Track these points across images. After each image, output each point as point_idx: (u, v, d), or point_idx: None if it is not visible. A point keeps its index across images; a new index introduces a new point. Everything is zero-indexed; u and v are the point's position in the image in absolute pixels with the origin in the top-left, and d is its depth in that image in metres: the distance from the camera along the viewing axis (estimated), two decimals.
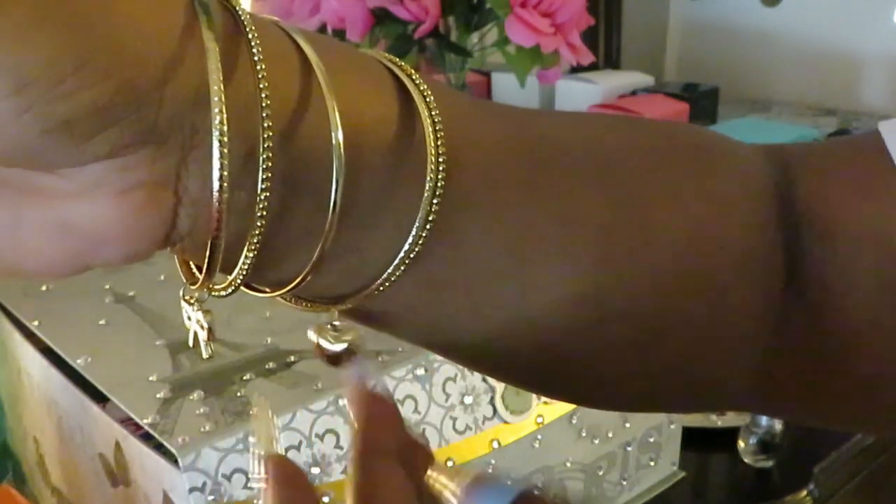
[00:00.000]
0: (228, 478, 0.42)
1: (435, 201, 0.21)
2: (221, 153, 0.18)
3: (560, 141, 0.26)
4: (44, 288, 0.58)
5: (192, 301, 0.22)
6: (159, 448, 0.43)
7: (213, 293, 0.22)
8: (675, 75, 1.46)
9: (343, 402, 0.46)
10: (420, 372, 0.49)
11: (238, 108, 0.18)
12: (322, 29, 0.86)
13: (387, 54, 0.23)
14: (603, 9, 1.32)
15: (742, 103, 1.26)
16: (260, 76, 0.18)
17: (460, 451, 0.52)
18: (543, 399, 0.56)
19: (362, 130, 0.20)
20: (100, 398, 0.47)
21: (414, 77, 0.22)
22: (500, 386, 0.53)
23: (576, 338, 0.25)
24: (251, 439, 0.23)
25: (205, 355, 0.22)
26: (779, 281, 0.28)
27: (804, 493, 0.68)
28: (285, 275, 0.21)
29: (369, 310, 0.23)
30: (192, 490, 0.41)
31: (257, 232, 0.19)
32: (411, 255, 0.21)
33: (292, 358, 0.49)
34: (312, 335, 0.23)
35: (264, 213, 0.19)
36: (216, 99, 0.17)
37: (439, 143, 0.21)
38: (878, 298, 0.27)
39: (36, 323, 0.53)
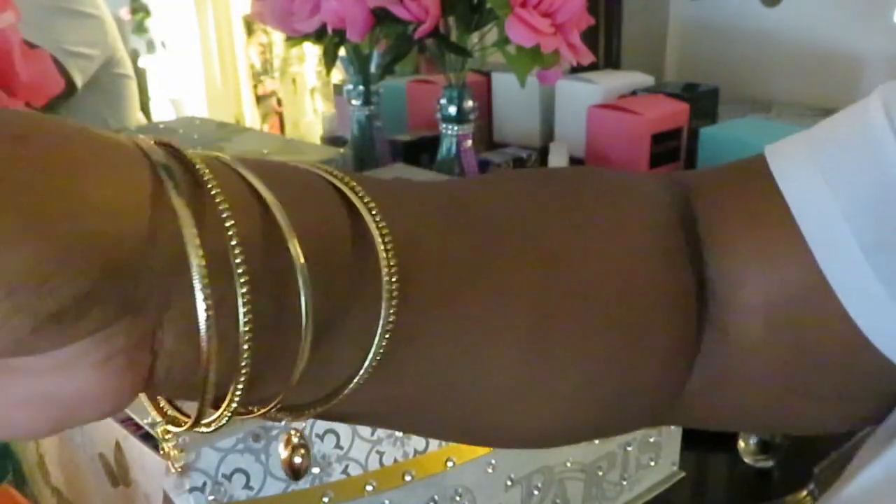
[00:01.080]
0: (228, 478, 0.42)
1: (393, 303, 0.22)
2: (207, 306, 0.18)
3: (489, 219, 0.27)
4: None
5: (167, 437, 0.23)
6: (159, 448, 0.43)
7: (198, 429, 0.22)
8: (675, 75, 1.46)
9: None
10: None
11: (210, 261, 0.19)
12: (322, 29, 0.86)
13: (327, 167, 0.23)
14: (603, 9, 1.32)
15: (742, 103, 1.26)
16: (230, 233, 0.19)
17: (460, 451, 0.52)
18: None
19: (321, 254, 0.21)
20: None
21: (357, 191, 0.23)
22: None
23: (519, 397, 0.27)
24: None
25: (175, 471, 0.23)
26: (691, 309, 0.30)
27: (804, 493, 0.68)
28: (260, 396, 0.22)
29: (329, 412, 0.24)
30: (192, 490, 0.41)
31: (244, 368, 0.20)
32: (377, 359, 0.22)
33: None
34: (284, 451, 0.24)
35: (249, 350, 0.20)
36: (195, 263, 0.18)
37: (390, 255, 0.22)
38: (765, 315, 0.30)
39: None
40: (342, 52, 0.92)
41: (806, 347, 0.30)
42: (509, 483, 0.56)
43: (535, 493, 0.58)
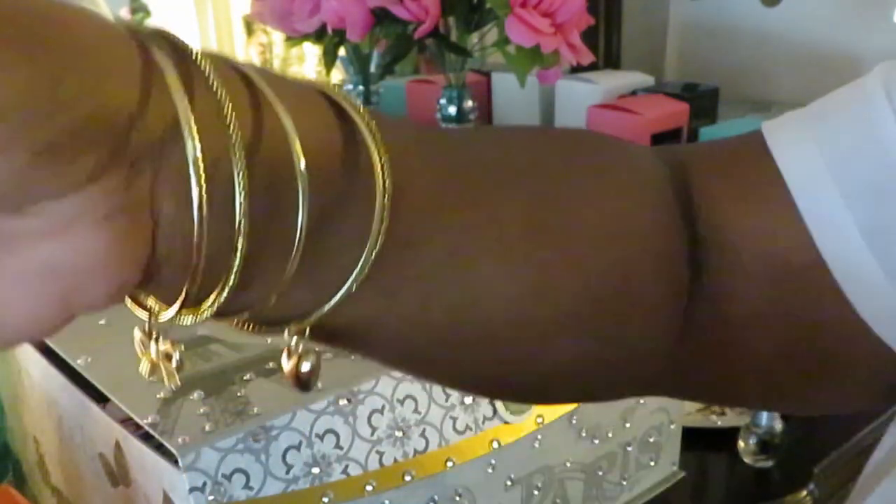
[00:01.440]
0: (228, 478, 0.42)
1: (387, 205, 0.22)
2: (196, 166, 0.18)
3: (486, 160, 0.28)
4: None
5: (155, 335, 0.22)
6: (159, 448, 0.43)
7: (180, 321, 0.22)
8: (675, 75, 1.46)
9: (343, 402, 0.46)
10: None
11: (200, 126, 0.19)
12: (322, 29, 0.86)
13: (322, 83, 0.24)
14: (603, 9, 1.32)
15: (742, 103, 1.26)
16: (219, 93, 0.19)
17: (460, 451, 0.52)
18: None
19: (316, 150, 0.21)
20: (100, 398, 0.47)
21: (351, 101, 0.23)
22: None
23: (518, 330, 0.27)
24: None
25: (172, 387, 0.22)
26: (685, 269, 0.30)
27: (804, 493, 0.68)
28: (255, 297, 0.22)
29: (331, 327, 0.24)
30: (192, 490, 0.41)
31: (240, 245, 0.20)
32: (371, 259, 0.22)
33: None
34: (286, 360, 0.24)
35: (244, 219, 0.19)
36: (182, 111, 0.18)
37: (382, 153, 0.22)
38: (759, 292, 0.30)
39: None
40: (342, 52, 0.92)
41: (800, 325, 0.30)
42: (509, 483, 0.56)
43: (535, 493, 0.58)
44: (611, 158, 0.31)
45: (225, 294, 0.21)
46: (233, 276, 0.20)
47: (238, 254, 0.20)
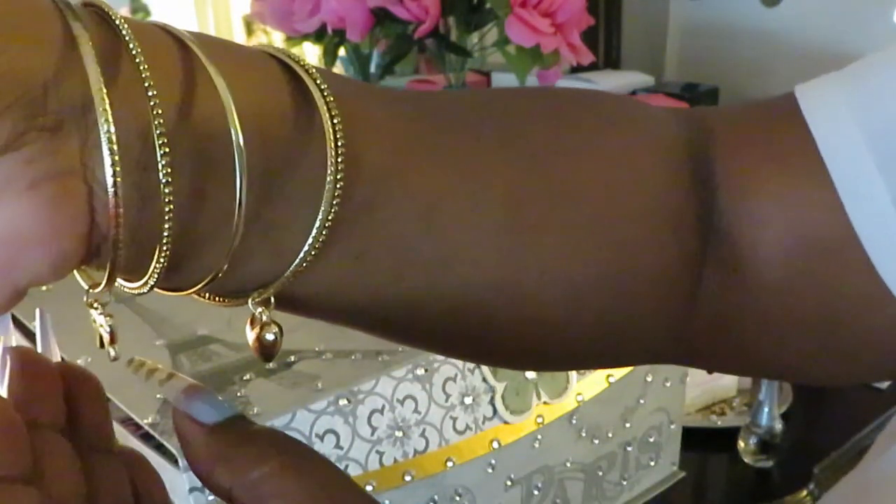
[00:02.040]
0: None
1: (340, 167, 0.21)
2: (109, 137, 0.18)
3: (460, 108, 0.26)
4: (44, 288, 0.58)
5: (95, 305, 0.22)
6: (159, 448, 0.43)
7: (128, 291, 0.22)
8: (675, 75, 1.46)
9: (343, 402, 0.46)
10: (420, 372, 0.49)
11: (127, 92, 0.18)
12: (322, 29, 0.86)
13: (275, 46, 0.23)
14: (603, 9, 1.32)
15: (742, 103, 1.26)
16: (138, 59, 0.19)
17: (460, 451, 0.52)
18: (543, 399, 0.56)
19: (259, 114, 0.21)
20: None
21: (297, 59, 0.22)
22: (500, 386, 0.53)
23: (497, 298, 0.26)
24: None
25: (110, 358, 0.22)
26: (694, 237, 0.29)
27: (804, 493, 0.68)
28: (207, 266, 0.21)
29: (298, 294, 0.23)
30: (192, 490, 0.41)
31: (168, 210, 0.19)
32: (327, 224, 0.21)
33: (292, 358, 0.49)
34: (249, 330, 0.23)
35: (169, 186, 0.19)
36: (94, 81, 0.17)
37: (334, 114, 0.21)
38: (786, 260, 0.29)
39: (36, 323, 0.53)
40: (342, 52, 0.92)
41: (824, 296, 0.29)
42: (509, 483, 0.56)
43: (535, 493, 0.58)
44: (610, 119, 0.29)
45: (159, 265, 0.20)
46: (164, 247, 0.20)
47: (166, 222, 0.19)
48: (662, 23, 1.45)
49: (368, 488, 0.48)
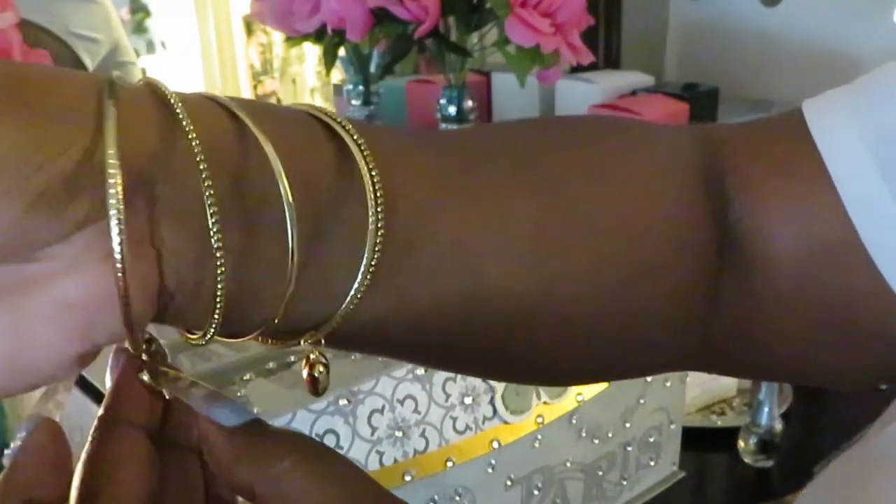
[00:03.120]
0: None
1: (380, 213, 0.23)
2: (118, 209, 0.19)
3: (483, 145, 0.28)
4: None
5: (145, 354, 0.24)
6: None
7: (189, 341, 0.24)
8: (675, 75, 1.46)
9: (343, 402, 0.46)
10: (420, 372, 0.49)
11: (185, 164, 0.20)
12: (322, 29, 0.86)
13: (314, 105, 0.25)
14: (603, 9, 1.32)
15: (742, 103, 1.26)
16: (190, 136, 0.20)
17: (460, 451, 0.52)
18: (543, 399, 0.56)
19: (304, 171, 0.22)
20: (100, 398, 0.47)
21: (337, 118, 0.24)
22: (500, 386, 0.53)
23: (528, 322, 0.27)
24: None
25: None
26: (709, 250, 0.30)
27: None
28: (263, 313, 0.23)
29: (346, 332, 0.25)
30: None
31: (220, 273, 0.21)
32: (371, 266, 0.23)
33: (292, 358, 0.49)
34: (305, 370, 0.25)
35: (221, 251, 0.21)
36: (110, 152, 0.19)
37: (371, 166, 0.23)
38: (796, 268, 0.30)
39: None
40: (342, 52, 0.92)
41: (833, 302, 0.30)
42: (509, 483, 0.56)
43: (535, 493, 0.58)
44: (627, 143, 0.31)
45: (216, 318, 0.22)
46: (218, 301, 0.21)
47: (219, 282, 0.21)
48: (662, 23, 1.45)
49: None
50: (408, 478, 0.49)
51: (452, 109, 0.90)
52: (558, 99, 1.12)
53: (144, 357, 0.24)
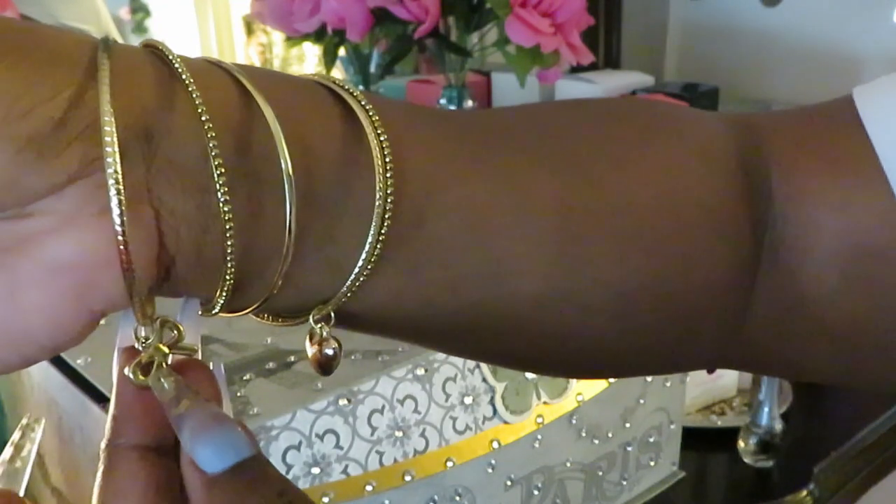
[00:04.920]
0: None
1: (389, 181, 0.22)
2: (115, 176, 0.18)
3: (502, 124, 0.27)
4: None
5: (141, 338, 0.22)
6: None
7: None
8: (675, 75, 1.46)
9: (343, 402, 0.46)
10: (420, 372, 0.49)
11: (186, 121, 0.20)
12: (322, 29, 0.86)
13: (322, 74, 0.24)
14: (603, 9, 1.32)
15: (742, 103, 1.26)
16: (191, 89, 0.20)
17: (460, 451, 0.52)
18: (543, 399, 0.56)
19: (308, 136, 0.22)
20: (100, 398, 0.47)
21: (342, 84, 0.23)
22: (500, 386, 0.53)
23: (547, 308, 0.26)
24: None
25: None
26: (747, 245, 0.29)
27: (804, 493, 0.68)
28: (267, 285, 0.22)
29: (356, 310, 0.24)
30: None
31: (228, 228, 0.20)
32: (380, 238, 0.22)
33: (292, 358, 0.49)
34: (309, 346, 0.24)
35: (228, 205, 0.20)
36: (104, 100, 0.18)
37: (380, 132, 0.22)
38: (841, 266, 0.28)
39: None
40: (342, 52, 0.92)
41: (881, 301, 0.29)
42: (509, 483, 0.56)
43: (535, 493, 0.58)
44: (654, 128, 0.29)
45: (227, 283, 0.21)
46: (229, 264, 0.20)
47: (228, 239, 0.20)
48: (662, 23, 1.46)
49: (368, 488, 0.48)
50: (408, 478, 0.49)
51: (452, 109, 0.90)
52: (558, 99, 1.12)
53: (145, 340, 0.21)
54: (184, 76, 0.20)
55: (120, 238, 0.19)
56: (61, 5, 1.30)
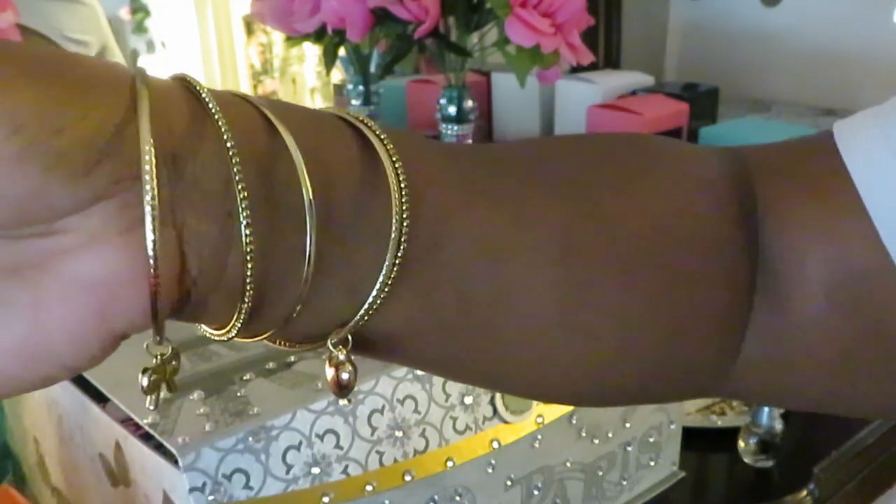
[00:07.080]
0: (228, 478, 0.42)
1: (405, 207, 0.23)
2: (152, 206, 0.19)
3: (509, 155, 0.28)
4: None
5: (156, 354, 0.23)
6: (159, 448, 0.43)
7: (211, 337, 0.23)
8: (675, 75, 1.46)
9: (343, 401, 0.46)
10: (420, 372, 0.49)
11: (213, 147, 0.20)
12: (322, 29, 0.86)
13: (339, 109, 0.25)
14: (603, 9, 1.32)
15: (742, 103, 1.27)
16: (216, 116, 0.21)
17: (460, 451, 0.52)
18: None
19: (328, 164, 0.23)
20: (100, 398, 0.47)
21: (359, 118, 0.24)
22: None
23: (554, 333, 0.27)
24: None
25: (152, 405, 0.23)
26: (743, 269, 0.30)
27: (804, 493, 0.68)
28: (286, 310, 0.23)
29: (373, 335, 0.25)
30: (192, 490, 0.41)
31: (249, 251, 0.21)
32: (396, 262, 0.23)
33: (292, 358, 0.49)
34: (330, 370, 0.24)
35: (250, 228, 0.20)
36: (144, 128, 0.19)
37: (395, 160, 0.23)
38: (828, 292, 0.29)
39: None
40: (342, 52, 0.92)
41: (868, 328, 0.30)
42: (509, 483, 0.56)
43: (535, 493, 0.58)
44: (655, 157, 0.30)
45: (246, 305, 0.22)
46: (248, 287, 0.21)
47: (248, 262, 0.21)
48: (662, 23, 1.46)
49: (368, 488, 0.48)
50: (408, 478, 0.49)
51: (452, 109, 0.90)
52: (558, 99, 1.12)
53: (156, 360, 0.23)
54: (210, 105, 0.21)
55: (151, 262, 0.19)
56: (63, 16, 1.31)
